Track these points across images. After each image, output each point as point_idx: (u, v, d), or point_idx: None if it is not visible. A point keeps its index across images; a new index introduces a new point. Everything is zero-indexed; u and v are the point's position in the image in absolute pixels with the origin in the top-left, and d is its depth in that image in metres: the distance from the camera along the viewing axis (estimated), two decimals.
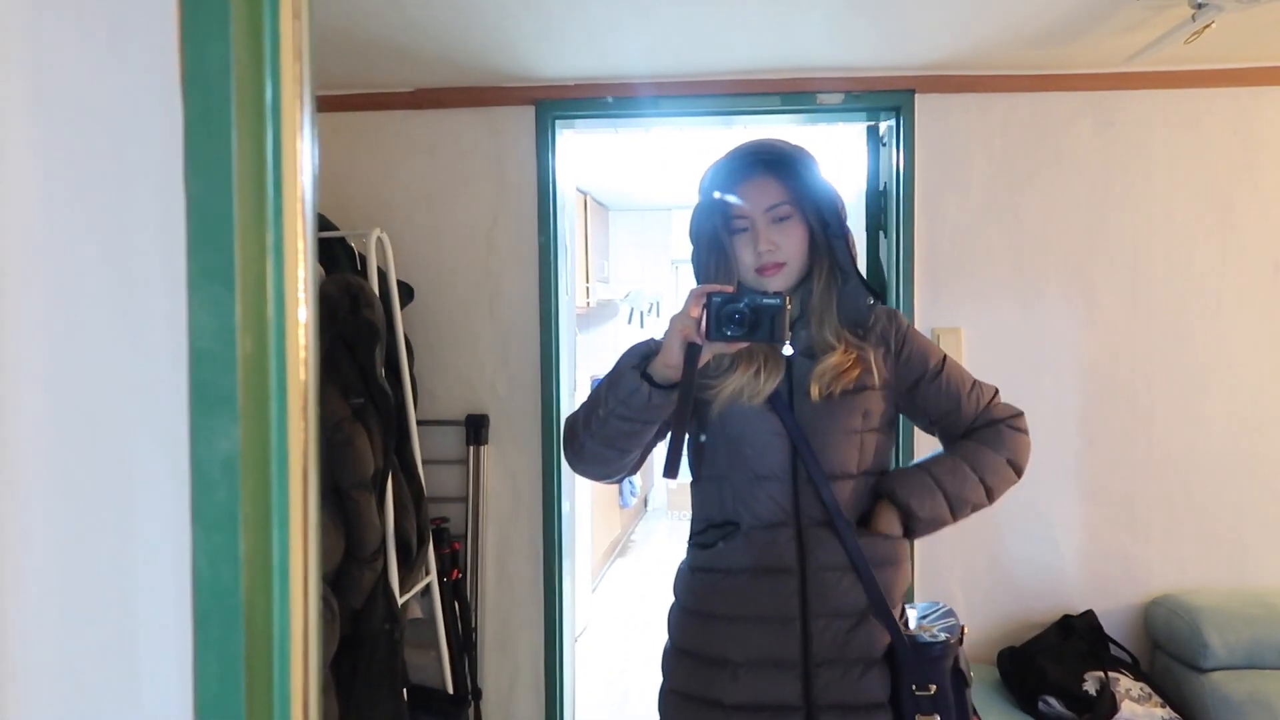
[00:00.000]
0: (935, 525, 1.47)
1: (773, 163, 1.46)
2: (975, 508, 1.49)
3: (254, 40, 0.65)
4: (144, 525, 0.66)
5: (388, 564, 2.27)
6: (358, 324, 2.22)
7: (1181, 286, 2.63)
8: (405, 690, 2.33)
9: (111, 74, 0.65)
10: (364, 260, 2.42)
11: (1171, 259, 2.63)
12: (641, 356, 1.35)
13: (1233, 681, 2.32)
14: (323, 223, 2.49)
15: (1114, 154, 2.64)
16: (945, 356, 1.55)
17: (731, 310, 1.27)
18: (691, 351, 1.28)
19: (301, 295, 0.76)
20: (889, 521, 1.46)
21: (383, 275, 2.46)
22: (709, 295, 1.28)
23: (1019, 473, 1.51)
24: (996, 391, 1.56)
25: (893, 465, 1.55)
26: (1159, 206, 2.63)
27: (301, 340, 0.76)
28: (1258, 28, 2.26)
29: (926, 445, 2.01)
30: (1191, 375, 2.64)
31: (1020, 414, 1.54)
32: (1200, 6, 2.02)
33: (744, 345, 1.32)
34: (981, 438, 1.51)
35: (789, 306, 1.31)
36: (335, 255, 2.45)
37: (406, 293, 2.65)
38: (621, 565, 5.64)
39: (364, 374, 2.24)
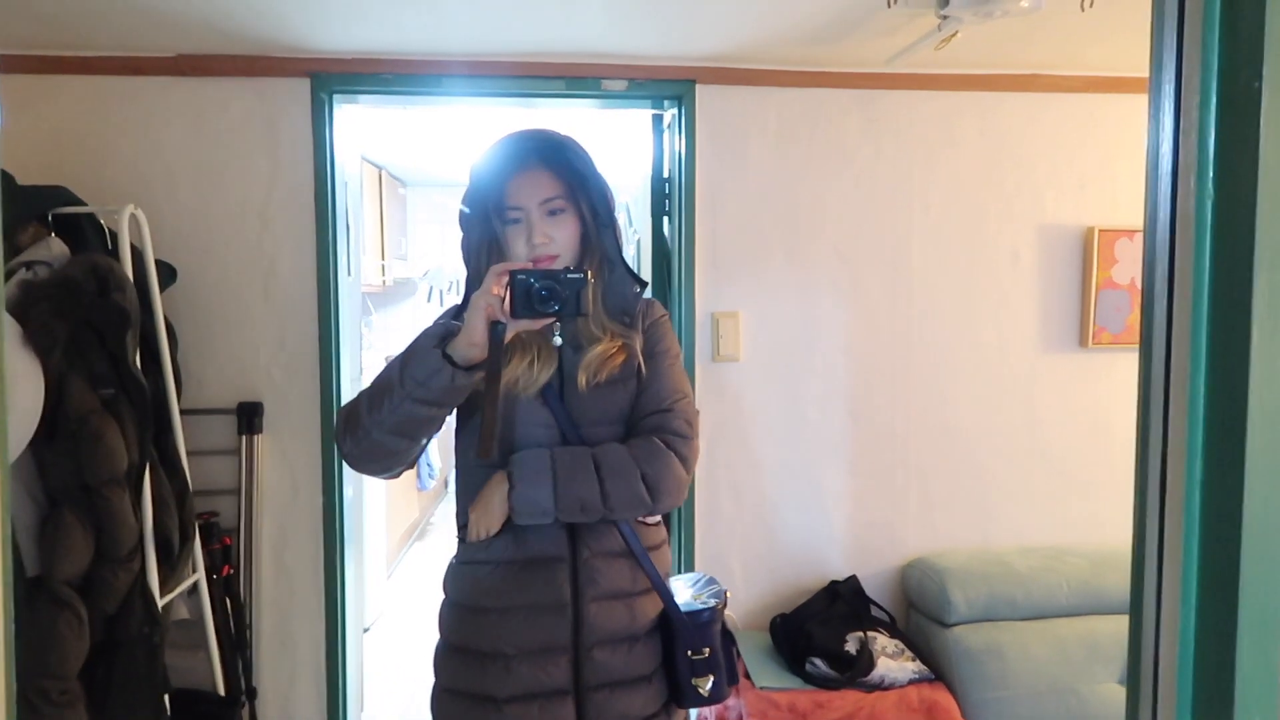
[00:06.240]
0: (532, 510, 1.37)
1: (546, 153, 1.46)
2: (588, 509, 1.37)
3: None
4: None
5: (145, 564, 2.12)
6: (106, 308, 2.05)
7: (934, 273, 2.85)
8: (169, 696, 2.19)
9: None
10: (116, 238, 2.24)
11: (926, 248, 2.84)
12: (439, 338, 1.32)
13: (972, 634, 2.56)
14: (69, 198, 2.28)
15: (877, 149, 2.81)
16: (677, 355, 1.54)
17: (537, 287, 1.27)
18: (496, 330, 1.28)
19: None
20: (491, 494, 1.42)
21: (139, 255, 2.28)
22: (512, 273, 1.27)
23: (652, 494, 1.38)
24: (690, 412, 1.48)
25: None
26: (916, 199, 2.84)
27: None
28: (997, 39, 2.48)
29: (712, 422, 2.18)
30: (941, 355, 2.87)
31: (686, 439, 1.44)
32: (945, 18, 2.19)
33: (548, 322, 1.32)
34: (634, 441, 1.43)
35: (592, 280, 1.32)
36: (83, 234, 2.24)
37: (168, 273, 2.47)
38: (420, 549, 5.54)
39: (115, 362, 2.07)
